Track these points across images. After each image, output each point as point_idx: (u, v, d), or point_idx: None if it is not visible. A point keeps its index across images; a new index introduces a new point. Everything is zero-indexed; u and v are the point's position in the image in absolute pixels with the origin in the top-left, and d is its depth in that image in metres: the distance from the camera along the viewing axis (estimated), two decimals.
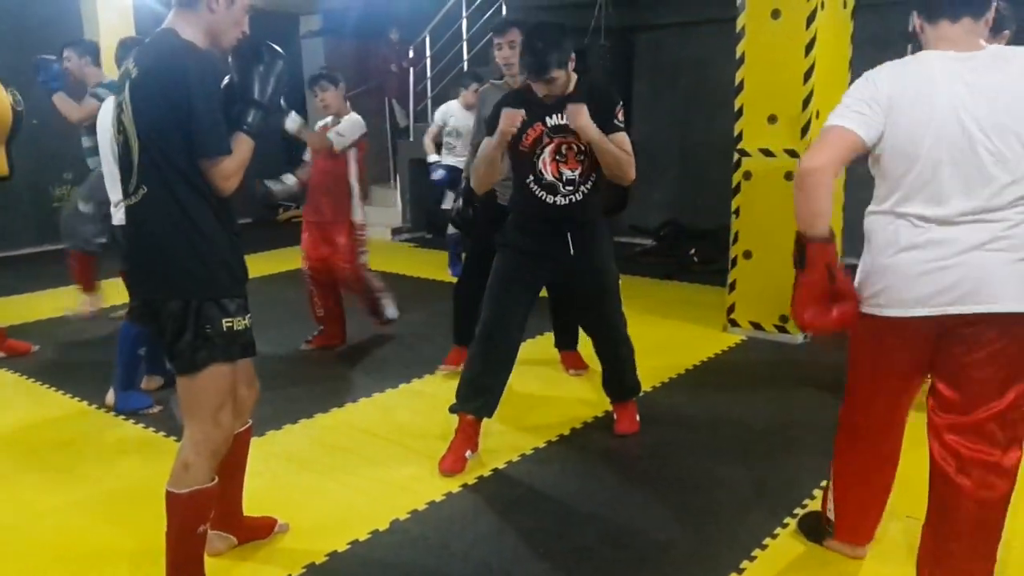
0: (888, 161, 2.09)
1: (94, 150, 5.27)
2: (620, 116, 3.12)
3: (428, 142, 6.65)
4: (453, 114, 6.42)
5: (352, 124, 4.54)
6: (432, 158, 6.56)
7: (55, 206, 8.74)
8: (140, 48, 2.25)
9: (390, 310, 4.99)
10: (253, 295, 2.41)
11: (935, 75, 2.03)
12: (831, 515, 2.55)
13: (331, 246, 4.65)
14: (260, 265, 6.93)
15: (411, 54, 8.67)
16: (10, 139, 4.75)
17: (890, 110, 2.05)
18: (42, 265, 7.69)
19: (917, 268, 2.07)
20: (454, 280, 6.27)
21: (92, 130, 5.16)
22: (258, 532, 2.76)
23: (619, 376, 3.56)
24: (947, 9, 2.05)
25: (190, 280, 2.19)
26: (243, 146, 2.21)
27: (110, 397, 4.02)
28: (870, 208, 2.20)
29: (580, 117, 3.00)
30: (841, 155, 2.09)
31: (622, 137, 3.11)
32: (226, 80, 2.28)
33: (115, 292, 5.43)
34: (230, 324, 2.23)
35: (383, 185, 9.22)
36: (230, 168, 2.16)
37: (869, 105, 2.08)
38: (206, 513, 2.34)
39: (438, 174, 6.51)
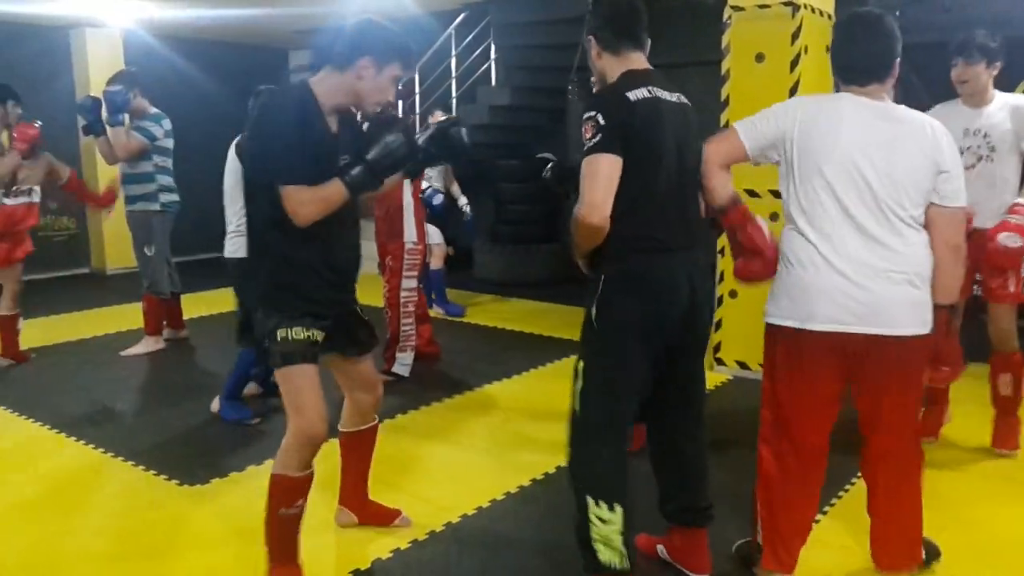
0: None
1: (139, 177, 5.34)
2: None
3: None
4: None
5: None
6: (426, 183, 6.35)
7: (39, 235, 8.71)
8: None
9: (402, 367, 4.89)
10: None
11: (843, 114, 2.36)
12: (760, 541, 2.60)
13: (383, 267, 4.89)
14: None
15: (399, 87, 8.74)
16: None
17: (790, 139, 2.40)
18: (25, 295, 7.61)
19: None
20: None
21: (143, 156, 5.28)
22: (379, 518, 3.04)
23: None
24: (857, 78, 2.40)
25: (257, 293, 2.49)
26: (331, 187, 2.36)
27: (215, 405, 4.27)
28: None
29: None
30: (727, 155, 2.48)
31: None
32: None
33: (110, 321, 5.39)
34: (284, 333, 2.43)
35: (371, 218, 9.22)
36: (300, 196, 2.31)
37: (768, 126, 2.46)
38: (288, 498, 2.51)
39: (438, 199, 6.38)
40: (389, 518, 3.05)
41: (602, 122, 2.25)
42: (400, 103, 8.70)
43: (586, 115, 2.29)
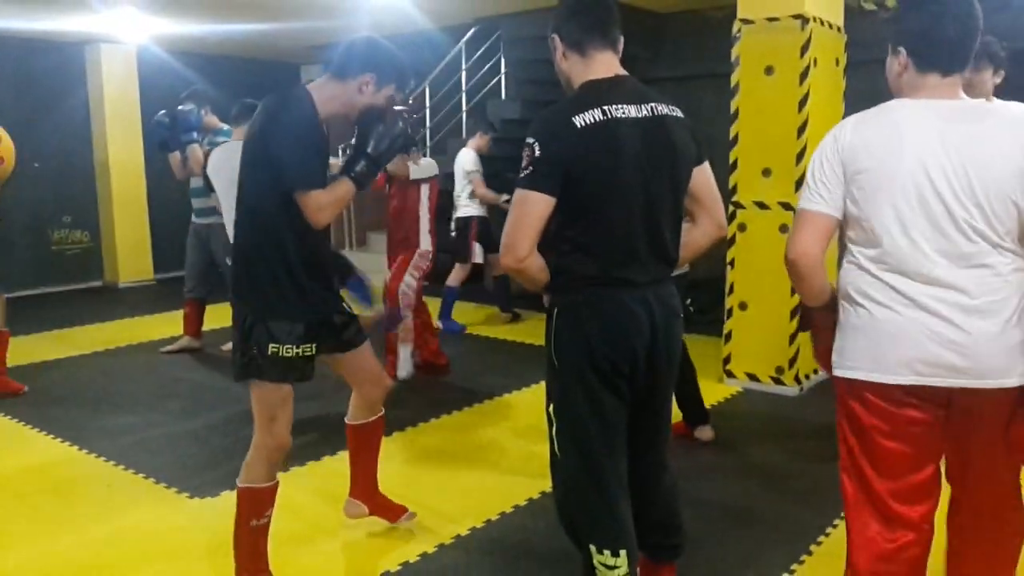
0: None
1: (203, 191, 5.39)
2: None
3: (487, 192, 6.38)
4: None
5: (428, 163, 4.98)
6: (504, 197, 6.25)
7: (53, 249, 8.81)
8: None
9: (404, 370, 5.00)
10: None
11: (903, 128, 1.91)
12: None
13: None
14: None
15: (410, 102, 8.79)
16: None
17: (848, 171, 1.95)
18: (38, 308, 7.70)
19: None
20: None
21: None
22: (387, 513, 3.09)
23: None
24: (940, 63, 1.91)
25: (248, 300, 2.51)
26: (341, 187, 2.44)
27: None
28: None
29: None
30: (819, 238, 2.00)
31: None
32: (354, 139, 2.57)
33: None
34: (275, 349, 2.44)
35: (381, 232, 9.25)
36: (319, 201, 2.35)
37: (825, 178, 1.99)
38: (259, 509, 2.57)
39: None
40: (396, 513, 3.09)
41: (537, 153, 2.02)
42: (413, 115, 8.76)
43: (527, 140, 2.06)
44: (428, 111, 8.69)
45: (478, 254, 6.48)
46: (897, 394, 1.92)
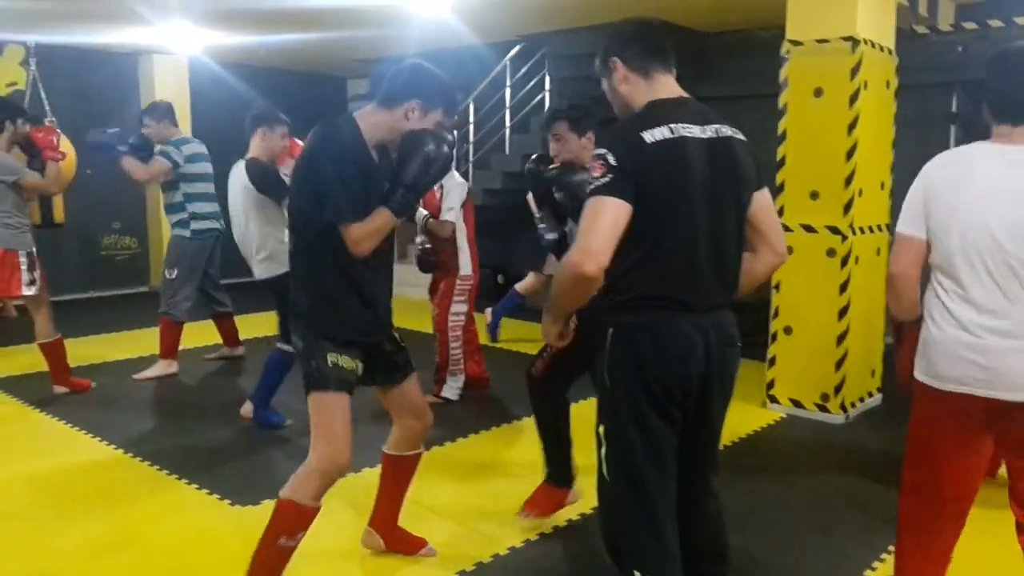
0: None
1: (172, 207, 5.48)
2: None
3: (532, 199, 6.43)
4: None
5: (456, 190, 4.80)
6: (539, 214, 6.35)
7: (103, 254, 9.01)
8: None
9: (451, 391, 4.97)
10: None
11: (974, 166, 2.20)
12: None
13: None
14: None
15: (454, 118, 8.84)
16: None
17: (928, 201, 2.25)
18: (88, 312, 7.87)
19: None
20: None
21: (171, 186, 5.39)
22: (405, 546, 3.06)
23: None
24: (1011, 114, 2.20)
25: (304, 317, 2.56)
26: (379, 217, 2.43)
27: (247, 408, 4.53)
28: None
29: None
30: (914, 259, 2.29)
31: None
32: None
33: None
34: (334, 359, 2.50)
35: None
36: (358, 233, 2.39)
37: (916, 206, 2.28)
38: (293, 528, 2.50)
39: (551, 235, 6.34)
40: (415, 547, 3.06)
41: (612, 162, 1.99)
42: (454, 134, 8.81)
43: (596, 152, 2.04)
44: (472, 126, 8.74)
45: (553, 265, 6.36)
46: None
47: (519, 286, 6.55)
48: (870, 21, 4.60)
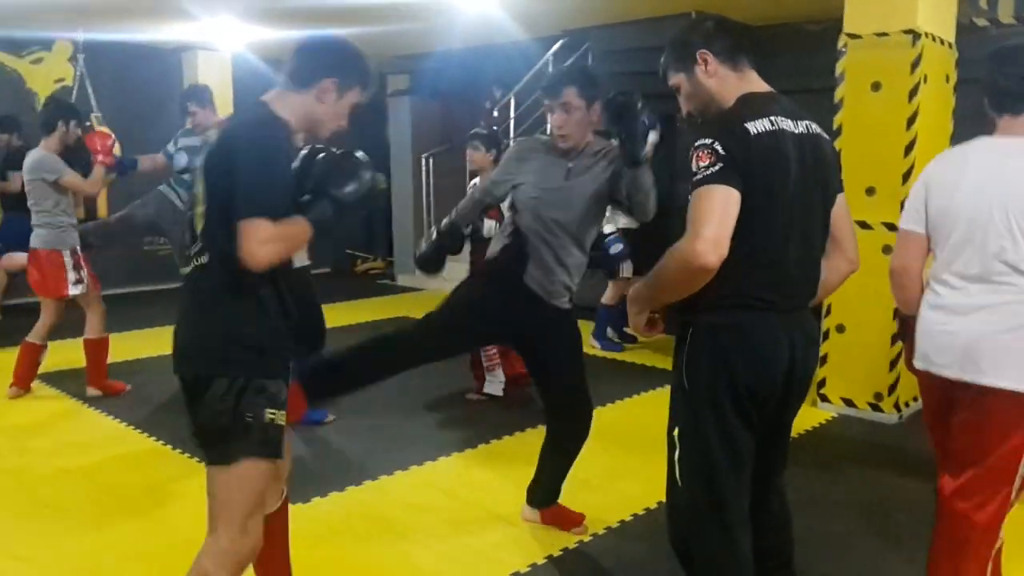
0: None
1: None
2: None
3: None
4: None
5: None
6: (607, 228, 5.94)
7: (145, 249, 9.09)
8: (229, 117, 2.21)
9: (494, 386, 4.91)
10: (330, 343, 2.38)
11: (969, 159, 2.32)
12: None
13: None
14: (338, 316, 7.01)
15: (495, 113, 8.81)
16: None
17: (927, 195, 2.37)
18: (130, 306, 7.94)
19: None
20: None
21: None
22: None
23: None
24: (1009, 105, 2.30)
25: (240, 357, 2.02)
26: (296, 226, 2.00)
27: None
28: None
29: None
30: (915, 253, 2.42)
31: None
32: (297, 163, 2.16)
33: None
34: (272, 416, 2.02)
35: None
36: (265, 233, 1.89)
37: (917, 201, 2.40)
38: None
39: (616, 248, 6.01)
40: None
41: (721, 151, 1.90)
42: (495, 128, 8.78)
43: (700, 142, 1.93)
44: (512, 121, 8.69)
45: (627, 269, 6.13)
46: None
47: (604, 299, 6.30)
48: (931, 14, 4.47)
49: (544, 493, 3.23)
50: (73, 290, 4.83)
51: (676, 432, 2.12)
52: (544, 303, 2.94)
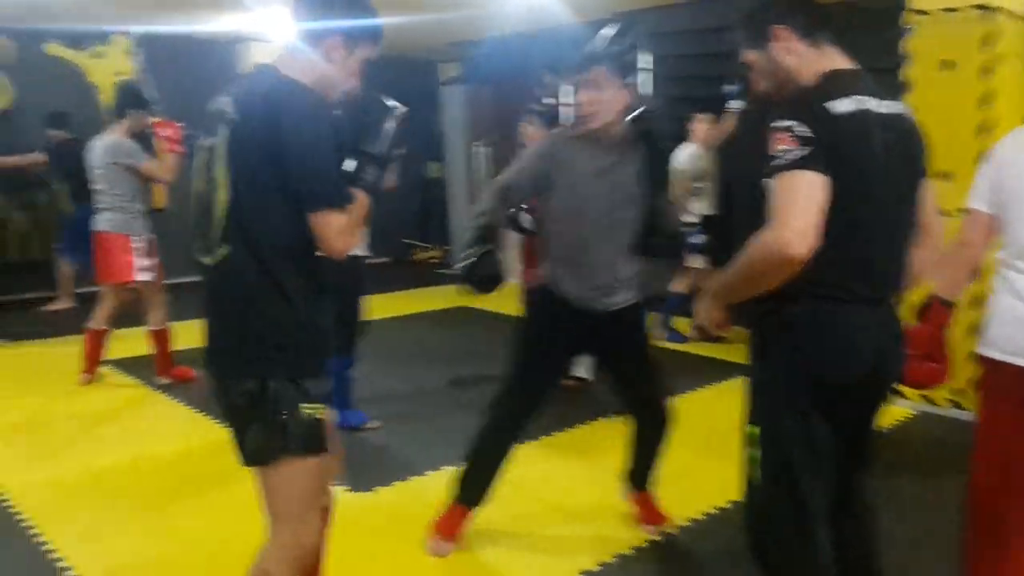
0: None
1: None
2: None
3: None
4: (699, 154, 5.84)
5: None
6: (691, 218, 5.75)
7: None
8: (238, 88, 2.01)
9: (584, 370, 4.82)
10: (387, 332, 2.36)
11: None
12: None
13: None
14: (395, 305, 7.05)
15: (546, 100, 8.72)
16: None
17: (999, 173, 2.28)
18: (190, 294, 8.06)
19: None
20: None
21: None
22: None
23: None
24: None
25: (270, 356, 1.93)
26: (359, 203, 1.95)
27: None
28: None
29: None
30: (980, 230, 2.32)
31: None
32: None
33: None
34: (311, 412, 1.95)
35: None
36: (341, 223, 1.86)
37: (984, 179, 2.31)
38: None
39: (698, 239, 5.80)
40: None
41: (803, 134, 1.78)
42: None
43: (780, 124, 1.81)
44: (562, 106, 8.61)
45: (699, 260, 5.94)
46: None
47: (674, 286, 6.17)
48: None
49: (632, 476, 3.21)
50: (140, 276, 4.89)
51: (754, 429, 2.05)
52: (588, 312, 2.84)
